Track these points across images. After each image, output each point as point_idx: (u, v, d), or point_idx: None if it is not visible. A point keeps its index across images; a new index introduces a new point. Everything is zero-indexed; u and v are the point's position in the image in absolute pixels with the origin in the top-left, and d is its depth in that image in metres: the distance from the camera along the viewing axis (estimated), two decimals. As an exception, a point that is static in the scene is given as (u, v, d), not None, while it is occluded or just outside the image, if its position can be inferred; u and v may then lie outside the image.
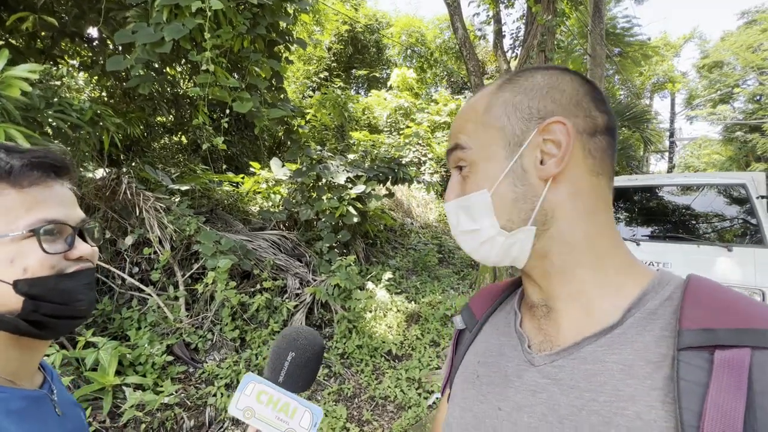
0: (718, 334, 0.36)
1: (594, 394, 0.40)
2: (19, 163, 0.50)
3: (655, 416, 0.36)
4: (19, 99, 2.06)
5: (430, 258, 5.30)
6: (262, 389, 0.55)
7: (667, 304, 0.42)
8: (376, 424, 2.46)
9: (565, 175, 0.44)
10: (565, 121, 0.43)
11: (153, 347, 2.52)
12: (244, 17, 2.96)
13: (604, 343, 0.42)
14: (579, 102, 0.45)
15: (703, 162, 23.21)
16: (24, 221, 0.50)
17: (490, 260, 0.49)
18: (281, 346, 0.59)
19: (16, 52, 3.28)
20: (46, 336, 0.55)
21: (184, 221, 3.21)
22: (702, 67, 20.27)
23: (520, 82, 0.47)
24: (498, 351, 0.52)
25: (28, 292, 0.50)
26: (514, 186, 0.45)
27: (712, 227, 3.45)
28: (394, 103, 9.82)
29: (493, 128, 0.47)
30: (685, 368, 0.36)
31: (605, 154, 0.46)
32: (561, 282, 0.47)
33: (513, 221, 0.45)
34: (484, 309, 0.60)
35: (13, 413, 0.50)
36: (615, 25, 11.21)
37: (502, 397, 0.48)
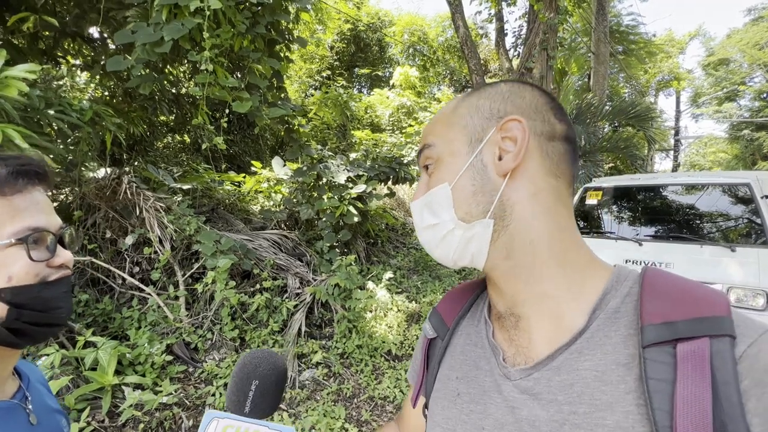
0: (677, 327, 0.37)
1: (573, 407, 0.40)
2: (5, 171, 0.50)
3: (632, 421, 0.36)
4: (18, 99, 2.07)
5: (431, 257, 5.28)
6: (228, 423, 0.53)
7: (627, 300, 0.42)
8: (374, 425, 2.46)
9: (523, 173, 0.46)
10: (521, 119, 0.45)
11: (153, 347, 2.53)
12: (244, 16, 2.96)
13: (575, 350, 0.42)
14: (537, 108, 0.48)
15: (708, 160, 23.02)
16: (9, 229, 0.49)
17: (450, 257, 0.49)
18: (243, 376, 0.57)
19: (19, 52, 3.30)
20: (23, 344, 0.54)
21: (185, 221, 3.22)
22: (708, 64, 20.08)
23: (485, 89, 0.51)
24: (474, 364, 0.52)
25: (11, 300, 0.49)
26: (473, 180, 0.47)
27: (716, 227, 3.41)
28: (397, 101, 9.79)
29: (458, 126, 0.49)
30: (651, 366, 0.37)
31: (563, 159, 0.47)
32: (525, 283, 0.46)
33: (471, 214, 0.46)
34: (453, 314, 0.59)
35: None
36: (619, 22, 11.11)
37: (484, 415, 0.47)
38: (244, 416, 0.54)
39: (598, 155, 5.50)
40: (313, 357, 2.96)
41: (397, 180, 4.78)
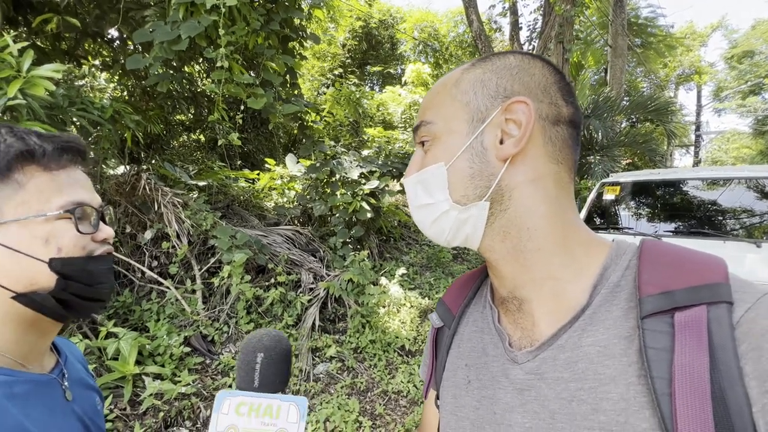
0: (675, 296, 0.37)
1: (579, 383, 0.40)
2: (51, 147, 0.52)
3: (633, 392, 0.37)
4: (44, 98, 2.14)
5: (444, 254, 5.26)
6: (240, 401, 0.53)
7: (627, 273, 0.42)
8: (388, 418, 2.47)
9: (524, 158, 0.44)
10: (528, 101, 0.43)
11: (171, 338, 2.59)
12: (258, 13, 2.99)
13: (577, 327, 0.42)
14: (546, 88, 0.45)
15: (731, 156, 22.28)
16: (56, 202, 0.51)
17: (443, 237, 0.48)
18: (248, 352, 0.57)
19: (42, 53, 3.41)
20: (68, 316, 0.56)
21: (201, 216, 3.28)
22: (731, 57, 19.40)
23: (492, 60, 0.47)
24: (482, 350, 0.51)
25: (60, 270, 0.51)
26: (471, 162, 0.45)
27: (740, 223, 3.31)
28: (409, 98, 9.75)
29: (459, 103, 0.47)
30: (650, 336, 0.37)
31: (565, 144, 0.46)
32: (524, 267, 0.46)
33: (467, 197, 0.45)
34: (458, 302, 0.58)
35: (17, 396, 0.50)
36: (638, 14, 10.82)
37: (494, 400, 0.47)
38: (254, 391, 0.54)
39: (616, 150, 5.38)
40: (327, 351, 2.99)
41: (409, 176, 4.76)
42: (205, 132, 6.11)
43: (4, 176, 0.48)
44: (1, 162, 0.48)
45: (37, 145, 0.51)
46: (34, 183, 0.50)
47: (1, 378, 0.49)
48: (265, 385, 0.55)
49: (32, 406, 0.52)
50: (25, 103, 2.04)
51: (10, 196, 0.49)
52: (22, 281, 0.50)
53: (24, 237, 0.49)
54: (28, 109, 2.10)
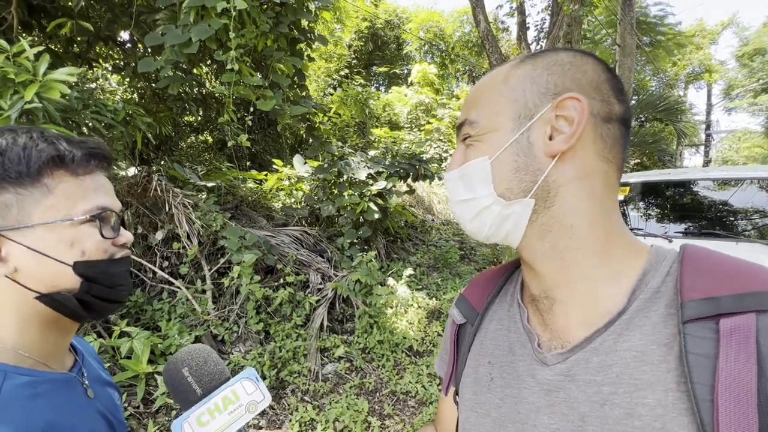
0: (720, 302, 0.36)
1: (613, 387, 0.39)
2: (80, 153, 0.53)
3: (672, 399, 0.36)
4: (59, 101, 2.18)
5: (451, 255, 5.25)
6: (197, 415, 0.53)
7: (668, 279, 0.41)
8: (397, 419, 2.48)
9: (574, 155, 0.43)
10: (581, 98, 0.42)
11: (182, 338, 2.62)
12: (267, 16, 3.01)
13: (613, 331, 0.41)
14: (598, 86, 0.44)
15: (742, 156, 21.92)
16: (82, 207, 0.52)
17: (483, 233, 0.48)
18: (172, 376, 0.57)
19: (55, 56, 3.47)
20: (88, 317, 0.57)
21: (211, 217, 3.31)
22: (742, 55, 19.10)
23: (543, 57, 0.47)
24: (508, 348, 0.50)
25: (84, 273, 0.52)
26: (516, 156, 0.44)
27: (752, 223, 3.27)
28: (415, 99, 9.75)
29: (507, 99, 0.46)
30: (692, 341, 0.36)
31: (617, 143, 0.45)
32: (561, 267, 0.45)
33: (512, 190, 0.44)
34: (482, 299, 0.58)
35: (42, 396, 0.51)
36: (646, 13, 10.71)
37: (519, 399, 0.46)
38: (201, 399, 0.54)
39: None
40: (335, 351, 3.01)
41: (416, 177, 4.77)
42: (212, 133, 6.17)
43: (34, 180, 0.50)
44: (33, 166, 0.49)
45: (67, 151, 0.52)
46: (62, 188, 0.52)
47: (26, 379, 0.50)
48: (207, 388, 0.55)
49: (57, 405, 0.53)
50: (42, 106, 2.08)
51: (39, 200, 0.50)
52: (46, 282, 0.51)
53: (50, 240, 0.50)
54: (44, 113, 2.14)
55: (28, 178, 0.49)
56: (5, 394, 0.47)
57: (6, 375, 0.49)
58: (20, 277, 0.50)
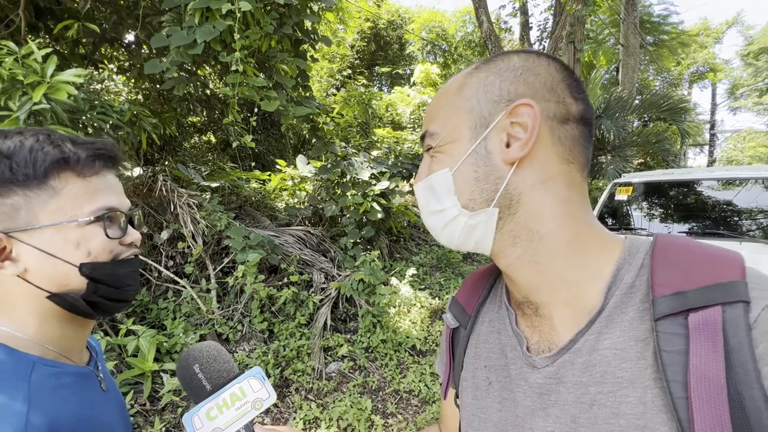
0: (687, 297, 0.36)
1: (599, 387, 0.40)
2: (85, 154, 0.54)
3: (651, 396, 0.36)
4: (67, 102, 2.21)
5: (453, 254, 5.26)
6: (206, 409, 0.55)
7: (642, 273, 0.41)
8: (400, 417, 2.49)
9: (533, 160, 0.43)
10: (533, 103, 0.42)
11: (187, 336, 2.64)
12: (271, 17, 3.04)
13: (594, 330, 0.41)
14: (553, 87, 0.44)
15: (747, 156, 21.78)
16: (88, 208, 0.53)
17: (454, 242, 0.48)
18: (184, 372, 0.59)
19: (62, 58, 3.50)
20: (96, 316, 0.58)
21: (216, 217, 3.34)
22: (747, 54, 18.98)
23: (496, 62, 0.46)
24: (501, 352, 0.51)
25: (90, 274, 0.54)
26: (475, 167, 0.44)
27: (756, 223, 3.26)
28: (418, 99, 9.76)
29: (462, 110, 0.46)
30: (664, 339, 0.36)
31: (576, 143, 0.44)
32: (538, 271, 0.45)
33: (475, 200, 0.45)
34: (473, 302, 0.58)
35: (66, 387, 0.53)
36: (650, 12, 10.67)
37: (515, 402, 0.47)
38: (210, 395, 0.57)
39: (628, 150, 5.32)
40: (338, 350, 3.02)
41: (419, 177, 4.77)
42: (216, 134, 6.20)
43: (41, 183, 0.51)
44: (39, 169, 0.50)
45: (72, 153, 0.53)
46: (69, 189, 0.52)
47: (52, 370, 0.52)
48: (216, 384, 0.58)
49: (80, 397, 0.55)
50: (50, 107, 2.11)
51: (47, 202, 0.51)
52: (55, 282, 0.52)
53: (58, 241, 0.51)
54: (52, 113, 2.17)
55: (35, 181, 0.50)
56: (35, 383, 0.49)
57: (34, 365, 0.50)
58: (31, 277, 0.51)
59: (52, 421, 0.48)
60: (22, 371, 0.49)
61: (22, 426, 0.44)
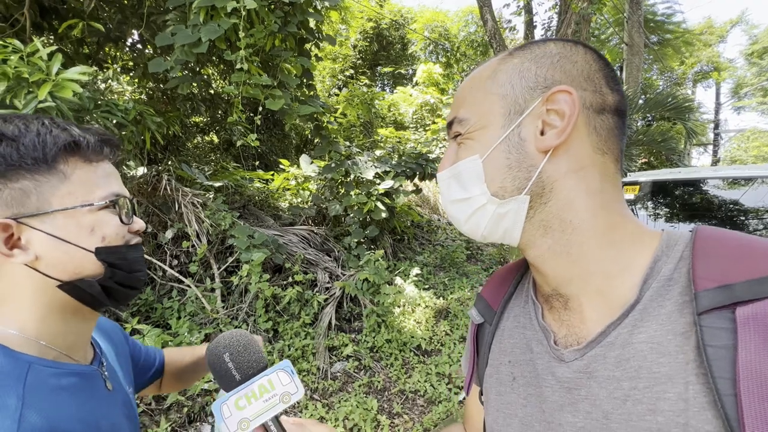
0: (735, 290, 0.34)
1: (633, 382, 0.38)
2: (94, 139, 0.53)
3: (693, 393, 0.35)
4: (72, 100, 2.20)
5: (458, 254, 5.24)
6: (236, 399, 0.55)
7: (681, 265, 0.40)
8: (406, 417, 2.47)
9: (567, 149, 0.42)
10: (572, 90, 0.41)
11: (192, 336, 2.64)
12: (276, 16, 3.03)
13: (628, 323, 0.40)
14: (590, 76, 0.43)
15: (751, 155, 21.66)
16: (99, 193, 0.52)
17: (479, 233, 0.47)
18: (215, 358, 0.59)
19: (66, 57, 3.50)
20: (109, 304, 0.56)
21: (220, 216, 3.33)
22: (751, 53, 18.88)
23: (531, 49, 0.45)
24: (526, 346, 0.50)
25: (106, 259, 0.52)
26: (508, 153, 0.43)
27: (764, 223, 3.23)
28: (420, 99, 9.74)
29: (495, 95, 0.45)
30: (709, 333, 0.34)
31: (611, 134, 0.43)
32: (569, 263, 0.44)
33: (505, 188, 0.44)
34: (498, 297, 0.57)
35: (65, 389, 0.51)
36: (654, 11, 10.62)
37: (541, 398, 0.46)
38: (240, 384, 0.57)
39: (633, 149, 5.29)
40: (343, 350, 3.01)
41: (423, 176, 4.76)
42: (219, 133, 6.20)
43: (50, 167, 0.49)
44: (49, 153, 0.48)
45: (81, 137, 0.51)
46: (78, 174, 0.51)
47: (50, 371, 0.50)
48: (246, 374, 0.58)
49: (81, 398, 0.52)
50: (55, 105, 2.11)
51: (57, 186, 0.49)
52: (68, 270, 0.50)
53: (71, 226, 0.50)
54: (57, 111, 2.17)
55: (45, 165, 0.48)
56: (30, 386, 0.47)
57: (30, 366, 0.48)
58: (41, 266, 0.49)
59: (48, 425, 0.45)
60: (17, 373, 0.47)
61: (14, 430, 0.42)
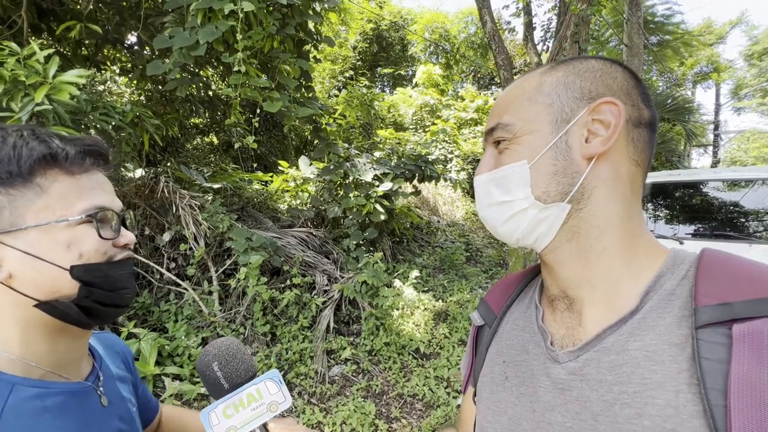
0: (734, 308, 0.36)
1: (623, 386, 0.40)
2: (74, 151, 0.50)
3: (683, 401, 0.36)
4: (69, 103, 2.19)
5: (457, 256, 5.23)
6: (223, 407, 0.56)
7: (684, 282, 0.42)
8: (404, 422, 2.45)
9: (608, 158, 0.45)
10: (618, 102, 0.44)
11: (189, 339, 2.62)
12: (274, 18, 3.02)
13: (625, 330, 0.42)
14: (628, 91, 0.46)
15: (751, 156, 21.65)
16: (78, 207, 0.50)
17: (514, 236, 0.49)
18: (203, 368, 0.59)
19: (64, 59, 3.50)
20: (91, 324, 0.54)
21: (218, 218, 3.32)
22: (751, 54, 18.88)
23: (574, 63, 0.48)
24: (522, 348, 0.52)
25: (82, 277, 0.49)
26: (555, 160, 0.45)
27: (765, 225, 3.22)
28: (420, 100, 9.74)
29: (541, 105, 0.47)
30: (704, 347, 0.36)
31: (646, 146, 0.47)
32: (585, 266, 0.46)
33: (549, 194, 0.45)
34: (501, 303, 0.59)
35: (50, 410, 0.49)
36: (654, 12, 10.62)
37: (534, 397, 0.47)
38: (228, 393, 0.58)
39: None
40: (341, 353, 2.99)
41: (422, 178, 4.75)
42: (218, 135, 6.19)
43: (26, 180, 0.47)
44: (24, 166, 0.47)
45: (59, 149, 0.49)
46: (57, 187, 0.49)
47: (35, 391, 0.48)
48: (234, 383, 0.59)
49: (66, 419, 0.50)
50: (52, 108, 2.10)
51: (32, 200, 0.47)
52: (43, 289, 0.48)
53: (45, 243, 0.48)
54: (54, 114, 2.16)
55: (20, 178, 0.47)
56: (11, 408, 0.45)
57: (13, 387, 0.46)
58: (16, 284, 0.47)
59: None
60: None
61: None
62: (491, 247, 6.32)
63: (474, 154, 8.11)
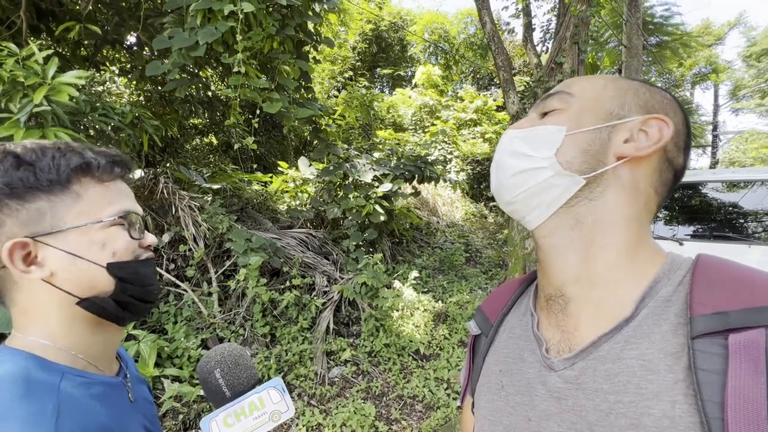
0: (729, 318, 0.36)
1: (619, 396, 0.39)
2: (104, 161, 0.56)
3: (680, 412, 0.36)
4: (68, 104, 2.18)
5: (456, 257, 5.22)
6: (224, 416, 0.56)
7: (680, 289, 0.41)
8: (404, 423, 2.45)
9: (634, 167, 0.46)
10: (669, 122, 0.45)
11: (189, 341, 2.61)
12: (274, 19, 3.01)
13: (620, 338, 0.42)
14: (680, 132, 0.48)
15: (750, 157, 21.70)
16: (109, 210, 0.55)
17: (516, 192, 0.49)
18: (205, 375, 0.59)
19: (63, 60, 3.49)
20: (126, 318, 0.59)
21: (217, 219, 3.31)
22: (749, 55, 18.93)
23: (651, 86, 0.51)
24: (518, 356, 0.52)
25: (117, 274, 0.55)
26: (591, 141, 0.46)
27: (763, 226, 3.22)
28: (419, 101, 9.74)
29: (609, 96, 0.49)
30: (701, 357, 0.36)
31: (666, 185, 0.48)
32: (583, 261, 0.46)
33: (571, 164, 0.46)
34: (497, 311, 0.60)
35: (94, 398, 0.53)
36: (652, 13, 10.63)
37: (530, 406, 0.47)
38: (229, 401, 0.58)
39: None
40: (341, 354, 2.99)
41: (422, 179, 4.75)
42: (217, 135, 6.18)
43: (64, 188, 0.53)
44: (62, 174, 0.53)
45: (93, 159, 0.55)
46: (91, 193, 0.54)
47: (81, 379, 0.53)
48: (236, 391, 0.59)
49: (108, 408, 0.54)
50: (50, 109, 2.09)
51: (71, 206, 0.53)
52: (83, 286, 0.53)
53: (83, 243, 0.53)
54: (52, 115, 2.15)
55: (59, 186, 0.52)
56: (64, 393, 0.49)
57: (63, 374, 0.51)
58: (57, 281, 0.52)
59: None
60: (51, 381, 0.49)
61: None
62: (491, 248, 6.32)
63: (473, 155, 8.12)
